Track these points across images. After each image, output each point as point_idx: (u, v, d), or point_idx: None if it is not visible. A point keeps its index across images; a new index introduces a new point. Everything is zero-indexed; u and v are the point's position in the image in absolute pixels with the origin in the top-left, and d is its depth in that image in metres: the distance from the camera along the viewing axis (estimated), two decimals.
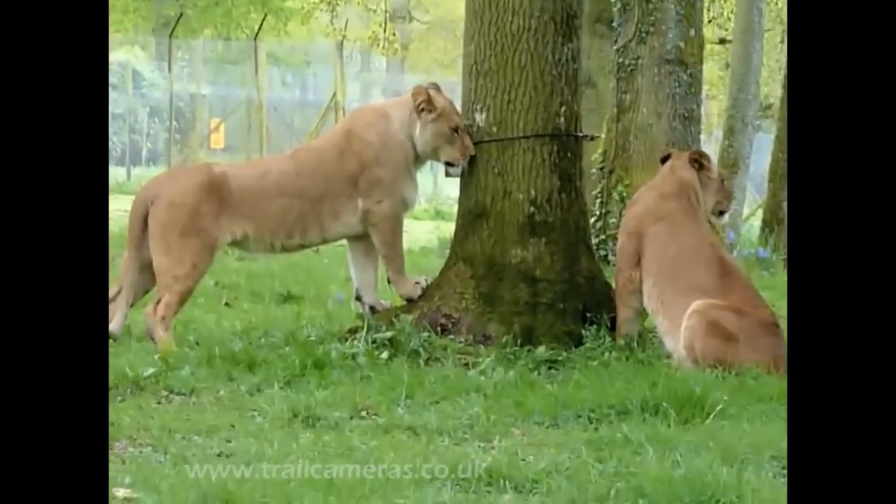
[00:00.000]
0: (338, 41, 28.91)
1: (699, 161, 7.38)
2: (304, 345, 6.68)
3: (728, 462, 4.81)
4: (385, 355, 6.63)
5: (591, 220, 10.50)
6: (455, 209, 7.66)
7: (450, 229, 8.83)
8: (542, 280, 7.08)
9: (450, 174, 7.27)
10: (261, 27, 31.07)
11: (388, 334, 6.80)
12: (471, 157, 7.15)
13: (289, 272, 10.81)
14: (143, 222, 7.12)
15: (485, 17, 7.20)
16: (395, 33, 30.89)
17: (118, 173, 29.09)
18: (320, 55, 35.69)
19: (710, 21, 23.27)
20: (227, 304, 9.07)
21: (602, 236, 11.50)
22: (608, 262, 10.52)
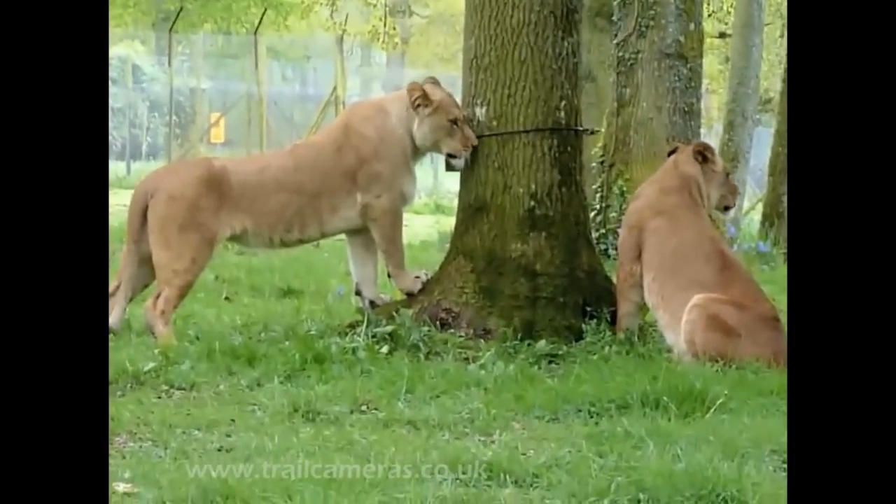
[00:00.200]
0: (338, 35, 28.87)
1: (703, 154, 7.36)
2: (305, 339, 6.68)
3: (728, 456, 4.80)
4: (385, 350, 6.63)
5: (592, 215, 10.50)
6: (455, 203, 7.65)
7: (450, 223, 8.83)
8: (542, 274, 7.08)
9: (454, 167, 7.25)
10: (261, 21, 31.04)
11: (389, 329, 6.80)
12: (473, 148, 7.13)
13: (289, 267, 10.81)
14: (142, 216, 7.11)
15: (485, 12, 7.20)
16: (395, 28, 30.83)
17: (118, 168, 29.09)
18: (320, 49, 35.70)
19: (709, 15, 23.25)
20: (227, 299, 9.07)
21: (602, 230, 11.48)
22: (608, 256, 10.51)
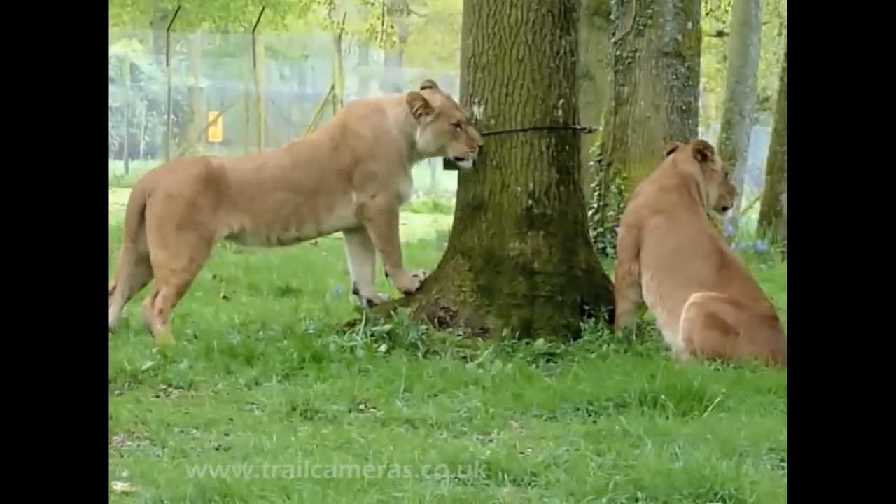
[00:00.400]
0: (336, 34, 28.91)
1: (703, 153, 7.35)
2: (303, 338, 6.68)
3: (726, 454, 4.80)
4: (383, 348, 6.63)
5: (590, 213, 10.51)
6: (453, 202, 7.65)
7: (448, 222, 8.83)
8: (540, 273, 7.08)
9: (460, 168, 7.22)
10: (259, 20, 31.06)
11: (387, 327, 6.80)
12: (479, 148, 7.12)
13: (287, 265, 10.81)
14: (139, 215, 7.10)
15: (483, 10, 7.20)
16: (393, 26, 30.86)
17: (116, 167, 29.12)
18: (318, 48, 35.71)
19: (707, 14, 23.28)
20: (225, 298, 9.07)
21: (600, 229, 11.49)
22: (606, 254, 10.52)
